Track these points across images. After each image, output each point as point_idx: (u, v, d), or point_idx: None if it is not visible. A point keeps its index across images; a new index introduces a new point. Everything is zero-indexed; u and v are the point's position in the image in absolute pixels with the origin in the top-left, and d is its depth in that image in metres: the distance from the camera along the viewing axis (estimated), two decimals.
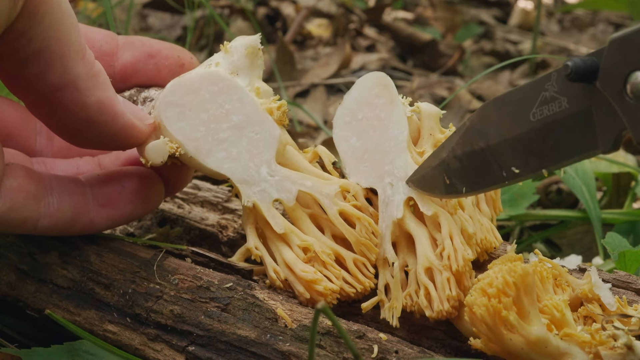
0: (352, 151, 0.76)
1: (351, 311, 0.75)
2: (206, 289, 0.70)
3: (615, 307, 0.65)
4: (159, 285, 0.71)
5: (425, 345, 0.71)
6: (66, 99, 0.63)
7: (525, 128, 0.60)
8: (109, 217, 0.73)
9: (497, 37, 2.72)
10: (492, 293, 0.57)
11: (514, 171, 0.61)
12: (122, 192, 0.73)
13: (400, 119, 0.74)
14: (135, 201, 0.74)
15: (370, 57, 2.16)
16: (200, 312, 0.69)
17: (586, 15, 3.19)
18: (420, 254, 0.68)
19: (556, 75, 0.58)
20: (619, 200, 1.17)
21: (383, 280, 0.71)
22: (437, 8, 2.89)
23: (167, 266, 0.73)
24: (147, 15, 2.10)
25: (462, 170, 0.66)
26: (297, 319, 0.68)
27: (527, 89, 0.60)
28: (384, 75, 0.76)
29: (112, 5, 1.29)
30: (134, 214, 0.75)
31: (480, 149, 0.64)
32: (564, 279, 0.68)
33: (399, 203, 0.71)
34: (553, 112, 0.58)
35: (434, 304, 0.66)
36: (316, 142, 1.39)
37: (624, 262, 0.83)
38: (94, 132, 0.67)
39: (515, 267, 0.58)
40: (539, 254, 0.71)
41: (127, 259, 0.74)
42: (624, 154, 1.34)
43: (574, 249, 1.13)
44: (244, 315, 0.68)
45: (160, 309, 0.70)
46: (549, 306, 0.59)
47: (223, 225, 0.89)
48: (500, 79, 2.18)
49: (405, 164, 0.72)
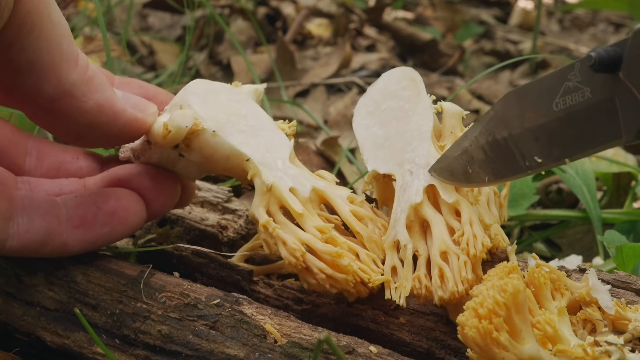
0: (372, 138, 0.77)
1: (350, 312, 0.75)
2: (194, 306, 0.70)
3: (613, 310, 0.65)
4: (146, 304, 0.71)
5: (425, 346, 0.71)
6: (65, 107, 0.64)
7: (549, 118, 0.60)
8: (83, 239, 0.71)
9: (498, 36, 2.72)
10: (483, 314, 0.56)
11: (537, 160, 0.61)
12: (97, 214, 0.71)
13: (426, 111, 0.75)
14: (111, 223, 0.72)
15: (371, 57, 2.16)
16: (188, 331, 0.68)
17: (586, 15, 3.19)
18: (436, 237, 0.68)
19: (579, 66, 0.58)
20: (619, 200, 1.17)
21: (390, 262, 0.71)
22: (437, 8, 2.89)
23: (154, 283, 0.72)
24: (147, 15, 2.10)
25: (484, 159, 0.66)
26: (286, 333, 0.67)
27: (550, 79, 0.60)
28: (412, 70, 0.77)
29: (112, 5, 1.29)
30: (111, 236, 0.73)
31: (503, 138, 0.64)
32: (563, 282, 0.68)
33: (418, 188, 0.71)
34: (576, 102, 0.58)
35: (449, 284, 0.65)
36: (316, 141, 1.39)
37: (621, 257, 0.83)
38: (99, 133, 0.67)
39: (506, 285, 0.57)
40: (536, 258, 0.71)
41: (114, 277, 0.73)
42: (624, 153, 1.34)
43: (574, 249, 1.13)
44: (232, 333, 0.67)
45: (148, 330, 0.69)
46: (542, 322, 0.59)
47: (223, 225, 0.89)
48: (501, 78, 2.18)
49: (428, 152, 0.73)
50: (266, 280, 0.80)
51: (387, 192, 0.79)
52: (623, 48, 0.54)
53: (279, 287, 0.78)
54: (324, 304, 0.75)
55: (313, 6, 2.37)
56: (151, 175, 0.76)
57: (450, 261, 0.67)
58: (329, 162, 1.31)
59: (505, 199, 0.80)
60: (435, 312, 0.74)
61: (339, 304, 0.76)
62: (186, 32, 1.90)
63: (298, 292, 0.77)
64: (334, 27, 2.40)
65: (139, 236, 0.86)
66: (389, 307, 0.75)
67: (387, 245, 0.71)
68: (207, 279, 0.81)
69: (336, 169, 1.26)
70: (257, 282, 0.79)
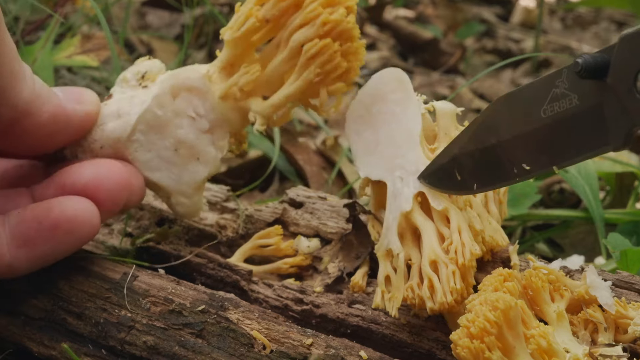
0: (363, 144, 0.76)
1: (351, 312, 0.75)
2: (178, 313, 0.69)
3: (613, 308, 0.65)
4: (130, 312, 0.70)
5: (427, 347, 0.71)
6: (24, 126, 0.63)
7: (536, 124, 0.60)
8: (28, 258, 0.66)
9: (499, 35, 2.71)
10: (475, 332, 0.56)
11: (525, 168, 0.62)
12: (39, 229, 0.65)
13: (415, 114, 0.75)
14: (55, 237, 0.66)
15: (371, 56, 2.16)
16: (174, 341, 0.67)
17: (589, 13, 3.18)
18: (426, 246, 0.68)
19: (567, 72, 0.58)
20: (622, 200, 1.17)
21: (384, 271, 0.71)
22: (439, 6, 2.89)
23: (138, 287, 0.71)
24: (145, 13, 2.10)
25: (473, 166, 0.66)
26: (274, 338, 0.66)
27: (538, 85, 0.61)
28: (400, 71, 0.76)
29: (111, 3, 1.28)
30: (57, 251, 0.67)
31: (492, 145, 0.64)
32: (562, 283, 0.68)
33: (408, 196, 0.71)
34: (564, 109, 0.58)
35: (437, 295, 0.66)
36: (316, 141, 1.39)
37: (626, 261, 0.83)
38: (57, 140, 0.67)
39: (497, 302, 0.57)
40: (533, 260, 0.70)
41: (96, 281, 0.72)
42: (627, 153, 1.33)
43: (576, 249, 1.12)
44: (219, 342, 0.66)
45: (133, 340, 0.68)
46: (536, 336, 0.58)
47: (222, 225, 0.89)
48: (502, 77, 2.18)
49: (418, 158, 0.72)
50: (265, 280, 0.80)
51: (384, 195, 0.79)
52: (610, 54, 0.54)
53: (278, 287, 0.78)
54: (324, 304, 0.75)
55: None
56: (101, 168, 0.70)
57: (440, 270, 0.67)
58: (329, 162, 1.30)
59: (505, 196, 0.80)
60: None
61: (338, 304, 0.75)
62: (185, 31, 1.89)
63: (297, 292, 0.77)
64: None
65: (137, 236, 0.86)
66: None
67: (380, 254, 0.72)
68: (206, 279, 0.80)
69: (336, 169, 1.26)
70: (257, 282, 0.79)
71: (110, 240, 0.86)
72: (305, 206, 0.90)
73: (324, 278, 0.80)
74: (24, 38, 1.16)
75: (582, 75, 0.55)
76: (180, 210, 0.77)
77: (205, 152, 0.75)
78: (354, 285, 0.78)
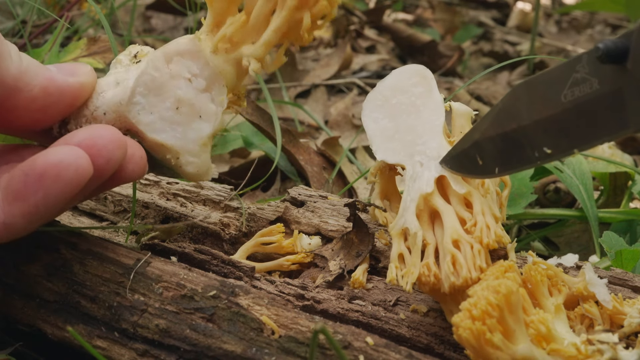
0: (381, 131, 0.78)
1: (351, 308, 0.75)
2: (190, 298, 0.69)
3: (610, 304, 0.66)
4: (143, 296, 0.70)
5: (425, 342, 0.72)
6: (14, 102, 0.64)
7: (557, 109, 0.60)
8: (22, 213, 0.63)
9: (496, 38, 2.73)
10: (477, 315, 0.57)
11: (546, 151, 0.62)
12: (27, 181, 0.63)
13: (438, 107, 0.77)
14: (43, 184, 0.62)
15: (371, 58, 2.17)
16: (185, 325, 0.68)
17: (584, 17, 3.20)
18: (448, 226, 0.69)
19: (587, 57, 0.58)
20: (616, 199, 1.17)
21: (397, 250, 0.71)
22: (437, 9, 2.90)
23: (151, 273, 0.72)
24: (150, 17, 2.11)
25: (494, 151, 0.67)
26: (283, 324, 0.67)
27: (557, 71, 0.61)
28: (424, 68, 0.79)
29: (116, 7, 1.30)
30: (48, 199, 0.63)
31: (512, 130, 0.65)
32: (560, 278, 0.68)
33: (429, 178, 0.72)
34: (584, 93, 0.58)
35: (463, 270, 0.66)
36: (317, 142, 1.40)
37: (620, 260, 0.84)
38: (52, 112, 0.67)
39: (500, 286, 0.58)
40: (533, 255, 0.71)
41: (110, 266, 0.73)
42: (621, 153, 1.35)
43: (571, 248, 1.13)
44: (229, 326, 0.67)
45: (146, 324, 0.69)
46: (535, 321, 0.59)
47: (225, 223, 0.90)
48: (499, 79, 2.19)
49: (439, 145, 0.74)
50: (268, 277, 0.80)
51: (390, 185, 0.81)
52: (630, 39, 0.54)
53: (280, 283, 0.78)
54: (325, 300, 0.76)
55: None
56: (95, 129, 0.68)
57: (463, 249, 0.67)
58: (329, 162, 1.31)
59: (506, 200, 0.80)
60: (434, 309, 0.74)
61: (339, 300, 0.76)
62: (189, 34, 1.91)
63: (299, 288, 0.77)
64: (335, 29, 2.41)
65: (142, 233, 0.87)
66: (388, 303, 0.76)
67: (395, 232, 0.72)
68: None
69: (336, 169, 1.26)
70: (259, 279, 0.79)
71: (116, 238, 0.87)
72: (307, 205, 0.91)
73: (325, 275, 0.81)
74: (31, 41, 1.17)
75: (602, 60, 0.55)
76: (191, 170, 0.77)
77: (207, 109, 0.76)
78: (355, 281, 0.78)
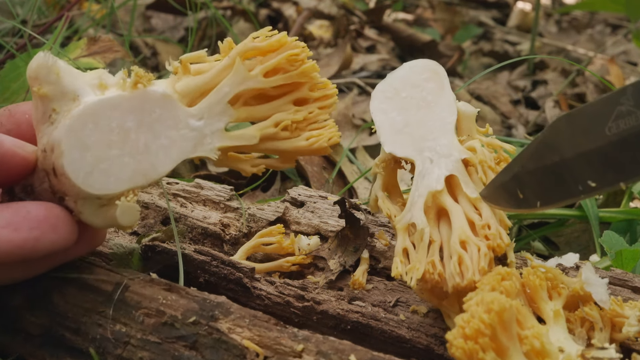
0: (389, 123, 0.77)
1: (351, 309, 0.75)
2: (171, 325, 0.68)
3: (608, 304, 0.66)
4: (124, 326, 0.69)
5: (425, 343, 0.72)
6: None
7: (602, 142, 0.60)
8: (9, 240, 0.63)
9: (496, 38, 2.73)
10: (469, 333, 0.57)
11: (591, 185, 0.61)
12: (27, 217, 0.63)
13: (450, 105, 0.76)
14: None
15: (371, 58, 2.17)
16: (169, 356, 0.67)
17: (584, 17, 3.20)
18: (456, 226, 0.68)
19: (632, 89, 0.58)
20: (616, 199, 1.17)
21: (402, 244, 0.71)
22: (437, 9, 2.90)
23: (130, 299, 0.70)
24: (150, 17, 2.11)
25: (535, 184, 0.65)
26: (266, 344, 0.65)
27: (600, 104, 0.61)
28: (437, 64, 0.78)
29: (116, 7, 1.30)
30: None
31: (554, 163, 0.64)
32: (559, 280, 0.68)
33: (440, 177, 0.72)
34: (630, 126, 0.58)
35: (468, 273, 0.66)
36: None
37: (621, 260, 0.84)
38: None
39: (492, 304, 0.58)
40: (531, 259, 0.71)
41: (90, 294, 0.71)
42: None
43: (571, 247, 1.13)
44: (212, 354, 0.65)
45: (130, 357, 0.67)
46: (529, 337, 0.59)
47: (225, 223, 0.90)
48: (499, 79, 2.19)
49: (450, 143, 0.73)
50: (268, 277, 0.80)
51: (392, 179, 0.80)
52: None
53: (280, 284, 0.78)
54: (325, 301, 0.76)
55: (314, 8, 2.38)
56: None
57: (470, 251, 0.67)
58: (329, 162, 1.31)
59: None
60: (434, 310, 0.74)
61: (339, 300, 0.76)
62: (189, 34, 1.91)
63: (299, 289, 0.77)
64: (335, 29, 2.41)
65: (143, 234, 0.87)
66: (388, 304, 0.76)
67: (400, 227, 0.71)
68: (210, 276, 0.80)
69: (336, 169, 1.26)
70: (259, 279, 0.79)
71: (117, 239, 0.86)
72: (307, 205, 0.91)
73: (327, 275, 0.81)
74: (32, 41, 1.17)
75: None
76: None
77: None
78: (354, 282, 0.78)
